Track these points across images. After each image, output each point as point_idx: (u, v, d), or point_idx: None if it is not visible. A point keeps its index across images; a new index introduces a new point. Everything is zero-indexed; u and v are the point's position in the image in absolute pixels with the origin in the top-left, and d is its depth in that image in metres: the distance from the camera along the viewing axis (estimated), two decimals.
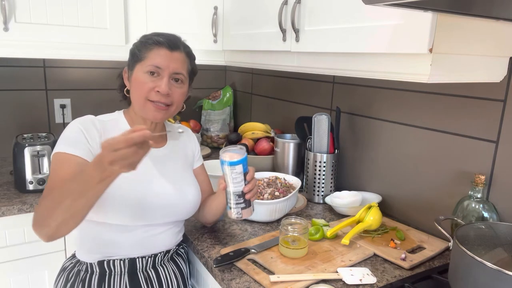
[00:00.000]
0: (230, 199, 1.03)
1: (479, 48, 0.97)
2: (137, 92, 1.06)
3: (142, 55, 1.06)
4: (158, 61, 1.04)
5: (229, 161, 0.98)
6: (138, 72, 1.06)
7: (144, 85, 1.04)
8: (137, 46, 1.09)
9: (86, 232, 1.05)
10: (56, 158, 0.99)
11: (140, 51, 1.07)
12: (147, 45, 1.06)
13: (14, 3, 1.45)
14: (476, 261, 0.80)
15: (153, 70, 1.04)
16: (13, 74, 1.91)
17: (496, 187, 1.13)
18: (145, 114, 1.08)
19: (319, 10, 1.16)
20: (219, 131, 2.34)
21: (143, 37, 1.10)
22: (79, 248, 1.09)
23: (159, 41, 1.05)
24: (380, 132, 1.48)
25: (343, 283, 0.99)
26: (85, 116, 1.08)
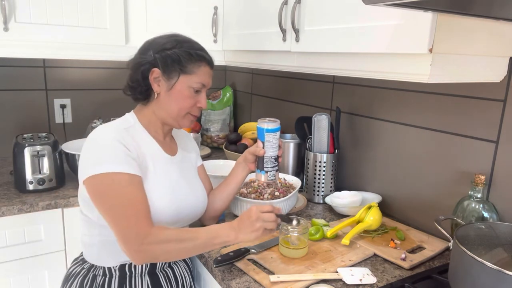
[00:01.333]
0: (268, 163, 1.16)
1: (479, 48, 0.97)
2: (178, 104, 1.05)
3: (191, 69, 1.04)
4: (206, 80, 1.07)
5: (271, 128, 1.14)
6: (183, 84, 1.04)
7: (189, 99, 1.05)
8: (183, 56, 1.04)
9: (108, 239, 1.01)
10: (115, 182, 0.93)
11: (187, 62, 1.04)
12: (196, 61, 1.05)
13: (14, 3, 1.45)
14: (476, 261, 0.80)
15: (199, 89, 1.06)
16: (13, 74, 1.91)
17: (496, 187, 1.13)
18: (180, 124, 1.09)
19: (319, 10, 1.16)
20: (219, 131, 2.34)
21: (186, 47, 1.05)
22: (97, 254, 1.05)
23: (206, 59, 1.07)
24: (380, 132, 1.48)
25: (343, 283, 0.99)
26: (111, 130, 1.00)
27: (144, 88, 1.06)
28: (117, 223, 0.92)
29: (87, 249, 1.07)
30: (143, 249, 0.90)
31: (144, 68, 1.04)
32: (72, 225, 1.52)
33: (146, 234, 0.90)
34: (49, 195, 1.50)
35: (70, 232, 1.53)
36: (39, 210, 1.45)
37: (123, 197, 0.92)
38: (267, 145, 1.14)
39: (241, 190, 1.39)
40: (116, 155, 0.95)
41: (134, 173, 0.95)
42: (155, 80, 1.04)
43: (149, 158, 1.03)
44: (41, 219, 1.47)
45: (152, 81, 1.04)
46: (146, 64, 1.04)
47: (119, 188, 0.93)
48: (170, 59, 1.03)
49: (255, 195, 1.34)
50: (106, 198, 0.93)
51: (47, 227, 1.49)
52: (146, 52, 1.05)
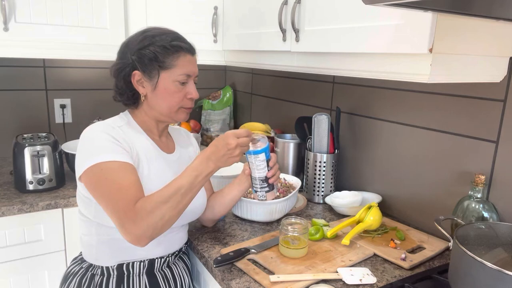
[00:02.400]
0: (256, 184, 1.11)
1: (479, 48, 0.97)
2: (168, 101, 1.03)
3: (169, 63, 1.01)
4: (190, 69, 1.04)
5: (252, 150, 1.06)
6: (166, 80, 1.02)
7: (177, 94, 1.03)
8: (158, 51, 1.00)
9: (105, 238, 1.02)
10: (105, 170, 0.93)
11: (164, 57, 1.01)
12: (173, 52, 1.01)
13: (14, 3, 1.45)
14: (476, 261, 0.80)
15: (185, 80, 1.03)
16: (13, 74, 1.91)
17: (496, 187, 1.13)
18: (173, 120, 1.08)
19: (319, 10, 1.16)
20: (219, 131, 2.34)
21: (160, 41, 1.01)
22: (95, 253, 1.04)
23: (183, 47, 1.03)
24: (380, 132, 1.48)
25: (343, 283, 0.99)
26: (98, 125, 1.01)
27: (130, 94, 1.04)
28: (110, 210, 0.92)
29: (85, 249, 1.07)
30: (139, 227, 0.89)
31: (124, 73, 1.02)
32: (72, 225, 1.52)
33: (134, 213, 0.89)
34: (49, 195, 1.50)
35: (70, 232, 1.53)
36: (39, 210, 1.45)
37: (112, 183, 0.92)
38: (251, 166, 1.09)
39: None
40: (103, 145, 0.95)
41: (124, 160, 0.94)
42: (139, 83, 1.02)
43: (143, 155, 1.02)
44: (41, 219, 1.47)
45: (135, 84, 1.03)
46: (126, 68, 1.02)
47: (107, 175, 0.92)
48: (147, 58, 1.00)
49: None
50: (97, 188, 0.93)
51: (47, 227, 1.49)
52: (124, 55, 1.03)
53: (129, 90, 1.04)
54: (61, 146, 1.61)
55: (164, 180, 1.02)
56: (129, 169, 0.95)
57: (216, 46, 1.76)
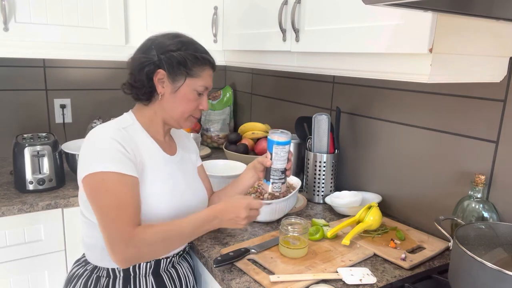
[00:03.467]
0: (274, 175, 1.15)
1: (479, 48, 0.97)
2: (183, 107, 1.06)
3: (196, 72, 1.04)
4: (209, 83, 1.08)
5: (281, 141, 1.12)
6: (188, 87, 1.04)
7: (193, 102, 1.06)
8: (189, 59, 1.03)
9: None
10: (105, 182, 0.92)
11: (193, 65, 1.03)
12: (202, 64, 1.05)
13: (14, 3, 1.45)
14: (476, 261, 0.80)
15: (203, 92, 1.07)
16: (13, 74, 1.91)
17: (496, 187, 1.13)
18: (181, 125, 1.10)
19: (319, 10, 1.16)
20: (219, 131, 2.34)
21: (192, 49, 1.04)
22: (100, 255, 1.03)
23: (211, 62, 1.08)
24: (380, 132, 1.48)
25: (343, 283, 0.99)
26: (107, 128, 1.00)
27: (148, 89, 1.04)
28: (103, 224, 0.92)
29: (89, 251, 1.06)
30: (129, 252, 0.89)
31: (149, 69, 1.02)
32: (72, 225, 1.52)
33: (129, 237, 0.89)
34: (49, 195, 1.50)
35: (70, 232, 1.53)
36: (39, 210, 1.44)
37: (111, 198, 0.91)
38: (274, 157, 1.13)
39: None
40: (111, 154, 0.94)
41: (128, 173, 0.94)
42: (160, 82, 1.03)
43: (148, 158, 1.03)
44: (41, 219, 1.47)
45: (156, 82, 1.03)
46: (151, 65, 1.02)
47: (108, 187, 0.91)
48: (176, 61, 1.02)
49: (255, 195, 1.34)
50: (96, 198, 0.93)
51: (47, 227, 1.49)
52: (149, 51, 1.03)
53: (149, 86, 1.04)
54: (61, 146, 1.61)
55: (166, 182, 1.03)
56: (131, 184, 0.94)
57: (216, 46, 1.76)
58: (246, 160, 1.77)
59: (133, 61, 1.06)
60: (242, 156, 1.81)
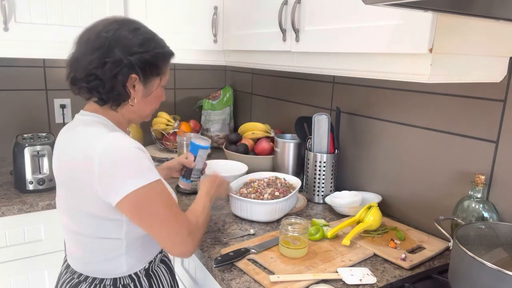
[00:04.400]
0: (195, 174, 1.35)
1: (479, 48, 0.97)
2: (153, 106, 1.04)
3: (164, 70, 1.00)
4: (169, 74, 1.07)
5: (204, 145, 1.33)
6: (158, 86, 1.02)
7: (160, 98, 1.05)
8: (160, 58, 0.97)
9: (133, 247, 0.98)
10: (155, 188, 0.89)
11: (163, 64, 0.99)
12: (168, 60, 1.01)
13: (14, 3, 1.45)
14: (476, 261, 0.80)
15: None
16: (13, 74, 1.91)
17: (496, 187, 1.13)
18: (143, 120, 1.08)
19: (319, 10, 1.16)
20: (219, 131, 2.34)
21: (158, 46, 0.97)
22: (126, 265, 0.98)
23: (172, 53, 1.03)
24: (380, 132, 1.48)
25: (343, 283, 0.99)
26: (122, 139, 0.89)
27: (119, 95, 0.95)
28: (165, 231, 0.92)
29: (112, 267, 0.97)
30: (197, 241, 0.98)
31: (123, 77, 0.92)
32: None
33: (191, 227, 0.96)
34: (49, 195, 1.50)
35: None
36: (39, 210, 1.45)
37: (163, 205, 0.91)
38: (198, 159, 1.33)
39: (241, 190, 1.39)
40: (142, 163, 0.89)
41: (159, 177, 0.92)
42: (130, 86, 0.95)
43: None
44: (41, 219, 1.47)
45: (129, 87, 0.95)
46: (123, 69, 0.92)
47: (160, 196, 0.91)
48: (148, 65, 0.95)
49: (255, 195, 1.34)
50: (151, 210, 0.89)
51: (47, 227, 1.49)
52: (113, 53, 0.91)
53: (119, 93, 0.94)
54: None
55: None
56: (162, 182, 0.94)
57: (216, 46, 1.76)
58: (246, 160, 1.77)
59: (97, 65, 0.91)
60: (242, 156, 1.81)
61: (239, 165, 1.70)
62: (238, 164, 1.72)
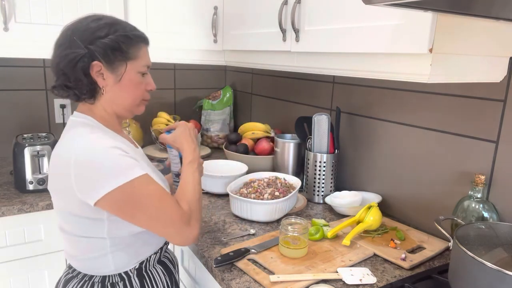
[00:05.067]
0: (174, 178, 1.23)
1: (479, 48, 0.97)
2: (132, 93, 1.00)
3: (133, 54, 0.97)
4: (148, 61, 1.02)
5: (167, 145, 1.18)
6: (131, 72, 0.98)
7: (140, 86, 1.01)
8: (122, 41, 0.95)
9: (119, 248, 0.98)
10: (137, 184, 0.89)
11: (128, 47, 0.97)
12: (136, 43, 0.98)
13: (14, 3, 1.45)
14: (476, 261, 0.80)
15: (146, 71, 1.01)
16: (13, 74, 1.91)
17: (496, 187, 1.13)
18: (135, 112, 1.05)
19: (319, 10, 1.16)
20: (219, 131, 2.34)
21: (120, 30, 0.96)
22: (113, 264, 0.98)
23: (144, 38, 1.01)
24: (380, 132, 1.48)
25: (343, 283, 0.99)
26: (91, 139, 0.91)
27: (89, 87, 0.95)
28: (159, 224, 0.92)
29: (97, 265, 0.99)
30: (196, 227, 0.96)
31: (83, 64, 0.92)
32: None
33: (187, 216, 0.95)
34: (49, 195, 1.50)
35: None
36: (39, 210, 1.45)
37: (151, 198, 0.90)
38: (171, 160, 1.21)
39: (241, 190, 1.39)
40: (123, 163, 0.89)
41: (144, 171, 0.91)
42: (98, 74, 0.95)
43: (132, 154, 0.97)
44: (41, 219, 1.47)
45: (95, 76, 0.94)
46: (83, 59, 0.92)
47: (143, 190, 0.89)
48: (109, 48, 0.93)
49: (255, 195, 1.34)
50: (135, 207, 0.89)
51: (47, 227, 1.49)
52: (73, 44, 0.92)
53: (89, 82, 0.95)
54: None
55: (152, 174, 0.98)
56: (151, 178, 0.93)
57: (216, 46, 1.76)
58: (246, 160, 1.77)
59: (59, 60, 0.94)
60: (242, 156, 1.81)
61: (239, 165, 1.70)
62: (238, 164, 1.72)
